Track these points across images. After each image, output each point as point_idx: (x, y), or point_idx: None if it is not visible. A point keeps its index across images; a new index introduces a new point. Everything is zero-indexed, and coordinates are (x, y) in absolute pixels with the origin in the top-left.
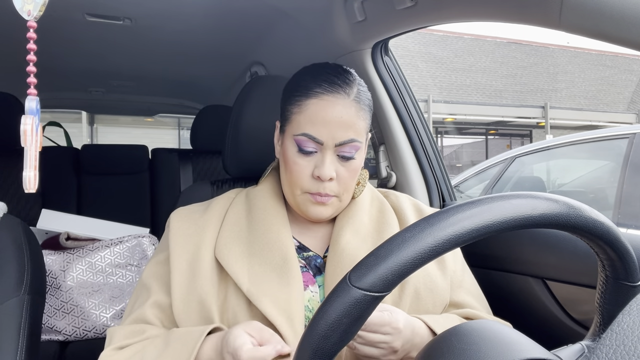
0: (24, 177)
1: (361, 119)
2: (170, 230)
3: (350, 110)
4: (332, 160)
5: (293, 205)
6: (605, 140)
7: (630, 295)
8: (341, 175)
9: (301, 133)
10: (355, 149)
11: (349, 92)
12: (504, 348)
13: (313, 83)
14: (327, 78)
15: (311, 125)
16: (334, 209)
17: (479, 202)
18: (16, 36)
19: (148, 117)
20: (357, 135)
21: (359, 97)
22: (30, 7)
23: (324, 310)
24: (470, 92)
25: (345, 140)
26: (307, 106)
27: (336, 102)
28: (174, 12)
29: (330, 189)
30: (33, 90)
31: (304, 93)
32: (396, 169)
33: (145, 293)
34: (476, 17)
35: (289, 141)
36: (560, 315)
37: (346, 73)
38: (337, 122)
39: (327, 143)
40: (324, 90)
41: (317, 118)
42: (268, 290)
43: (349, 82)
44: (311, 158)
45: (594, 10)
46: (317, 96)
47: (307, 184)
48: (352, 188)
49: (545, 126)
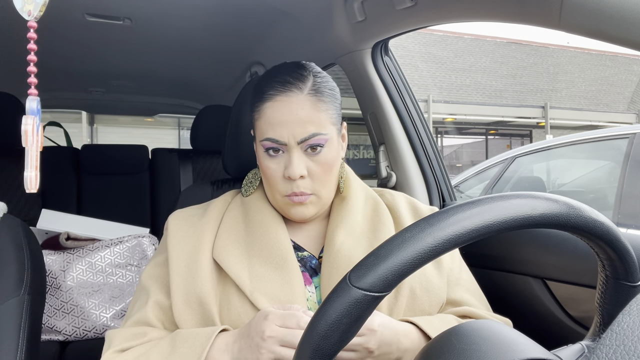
0: (25, 177)
1: (321, 110)
2: (169, 233)
3: (305, 105)
4: (300, 158)
5: (277, 209)
6: (605, 140)
7: (630, 295)
8: (313, 171)
9: (264, 138)
10: (321, 141)
11: (302, 87)
12: (504, 348)
13: (267, 86)
14: (280, 78)
15: (271, 129)
16: (316, 208)
17: (479, 202)
18: (16, 36)
19: (148, 117)
20: (319, 129)
21: (315, 89)
22: (30, 7)
23: (324, 310)
24: (470, 92)
25: (306, 137)
26: (264, 111)
27: (289, 100)
28: (174, 12)
29: (304, 186)
30: (33, 91)
31: (260, 98)
32: (396, 169)
33: (144, 295)
34: (476, 17)
35: (259, 147)
36: (560, 315)
37: (299, 68)
38: (293, 121)
39: (290, 142)
40: (277, 91)
41: (274, 120)
42: (270, 290)
43: (302, 77)
44: (280, 159)
45: (594, 10)
46: (271, 98)
47: (282, 187)
48: (330, 184)
49: (545, 126)
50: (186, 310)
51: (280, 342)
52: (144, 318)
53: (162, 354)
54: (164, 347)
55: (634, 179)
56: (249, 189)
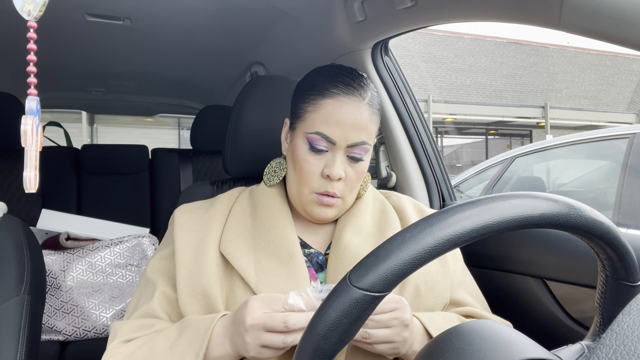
0: (24, 177)
1: (373, 122)
2: (175, 225)
3: (364, 112)
4: (342, 160)
5: (297, 204)
6: (605, 140)
7: (630, 295)
8: (349, 176)
9: (315, 131)
10: (365, 151)
11: (363, 95)
12: (504, 348)
13: (329, 83)
14: (343, 80)
15: (325, 125)
16: (338, 211)
17: (479, 202)
18: (16, 36)
19: (148, 117)
20: (368, 138)
21: (372, 101)
22: (30, 7)
23: (324, 310)
24: (470, 92)
25: (357, 142)
26: (322, 105)
27: (351, 103)
28: (174, 12)
29: (337, 188)
30: (33, 90)
31: (320, 92)
32: (396, 169)
33: (150, 288)
34: (476, 17)
35: (300, 139)
36: (560, 315)
37: (361, 77)
38: (350, 124)
39: (340, 143)
40: (340, 91)
41: (332, 118)
42: (276, 284)
43: (364, 86)
44: (322, 157)
45: (594, 10)
46: (333, 96)
47: (316, 183)
48: (356, 190)
49: (545, 126)
50: (191, 301)
51: (264, 328)
52: (151, 310)
53: (169, 340)
54: (170, 333)
55: (634, 180)
56: (273, 178)
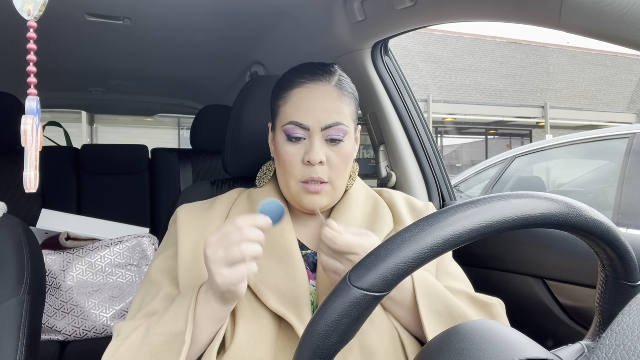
0: (24, 177)
1: (345, 104)
2: (179, 222)
3: (332, 94)
4: (321, 144)
5: (290, 198)
6: (605, 140)
7: (630, 295)
8: (332, 159)
9: (288, 122)
10: (342, 132)
11: (330, 79)
12: (504, 348)
13: (296, 76)
14: (309, 70)
15: (297, 113)
16: (329, 198)
17: (479, 202)
18: (16, 36)
19: (148, 117)
20: (342, 119)
21: (340, 84)
22: (30, 7)
23: (324, 310)
24: (470, 92)
25: (330, 124)
26: (291, 96)
27: (318, 88)
28: (174, 12)
29: (322, 173)
30: (33, 90)
31: (289, 85)
32: (396, 169)
33: (155, 289)
34: (476, 17)
35: (279, 134)
36: (561, 315)
37: (327, 65)
38: (320, 107)
39: (314, 128)
40: (306, 79)
41: (302, 105)
42: (274, 283)
43: (330, 72)
44: (301, 145)
45: (594, 10)
46: (301, 85)
47: (299, 172)
48: (344, 175)
49: (545, 126)
50: None
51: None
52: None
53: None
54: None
55: (634, 180)
56: (263, 179)
